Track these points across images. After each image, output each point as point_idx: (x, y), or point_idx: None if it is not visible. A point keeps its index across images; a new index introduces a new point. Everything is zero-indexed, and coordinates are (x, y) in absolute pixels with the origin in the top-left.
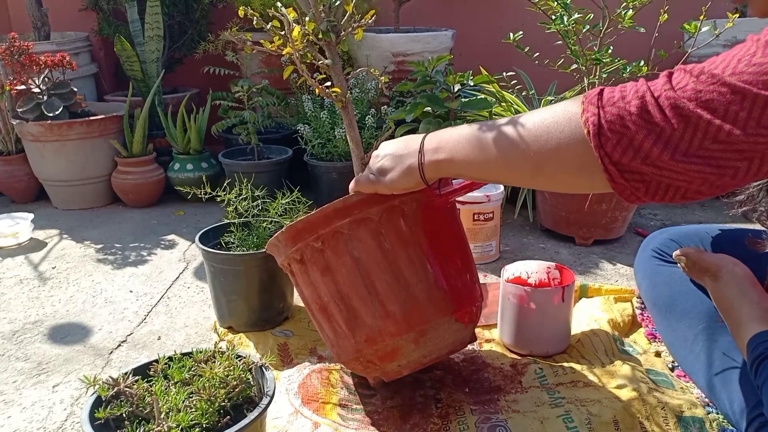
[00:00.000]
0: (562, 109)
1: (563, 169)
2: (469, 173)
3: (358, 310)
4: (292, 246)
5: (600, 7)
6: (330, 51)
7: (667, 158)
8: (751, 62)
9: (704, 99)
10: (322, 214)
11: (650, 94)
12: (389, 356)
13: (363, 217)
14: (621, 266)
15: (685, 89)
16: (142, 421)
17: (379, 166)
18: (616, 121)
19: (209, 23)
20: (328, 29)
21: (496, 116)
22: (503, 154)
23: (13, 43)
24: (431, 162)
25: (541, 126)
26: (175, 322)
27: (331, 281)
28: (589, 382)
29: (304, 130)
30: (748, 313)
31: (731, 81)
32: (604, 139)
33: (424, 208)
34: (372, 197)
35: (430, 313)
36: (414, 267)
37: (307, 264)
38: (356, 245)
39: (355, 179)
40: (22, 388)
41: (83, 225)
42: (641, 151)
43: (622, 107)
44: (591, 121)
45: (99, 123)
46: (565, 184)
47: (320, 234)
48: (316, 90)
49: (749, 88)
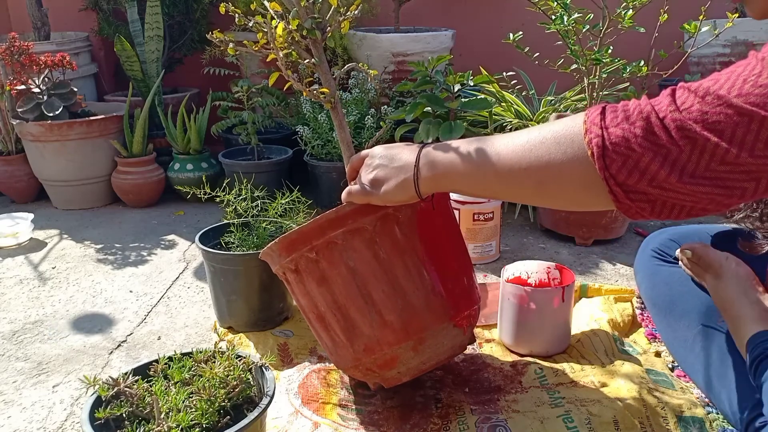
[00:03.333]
0: (563, 128)
1: (566, 188)
2: (467, 190)
3: (355, 320)
4: (287, 256)
5: (600, 7)
6: (316, 49)
7: (674, 180)
8: (757, 83)
9: (711, 121)
10: (315, 225)
11: (655, 115)
12: (388, 364)
13: (357, 227)
14: (621, 266)
15: (691, 110)
16: (142, 421)
17: (372, 177)
18: (621, 143)
19: (209, 23)
20: (313, 27)
21: (496, 116)
22: (503, 172)
23: (13, 43)
24: (427, 177)
25: (543, 146)
26: (175, 322)
27: (327, 292)
28: (589, 382)
29: (304, 131)
30: (749, 313)
31: (738, 103)
32: (609, 161)
33: (419, 214)
34: (365, 207)
35: (428, 320)
36: (410, 275)
37: (302, 274)
38: (351, 255)
39: (347, 190)
40: (22, 388)
41: (83, 225)
42: (647, 173)
43: (627, 129)
44: (595, 142)
45: (99, 123)
46: (567, 203)
47: (314, 245)
48: (304, 93)
49: (756, 111)
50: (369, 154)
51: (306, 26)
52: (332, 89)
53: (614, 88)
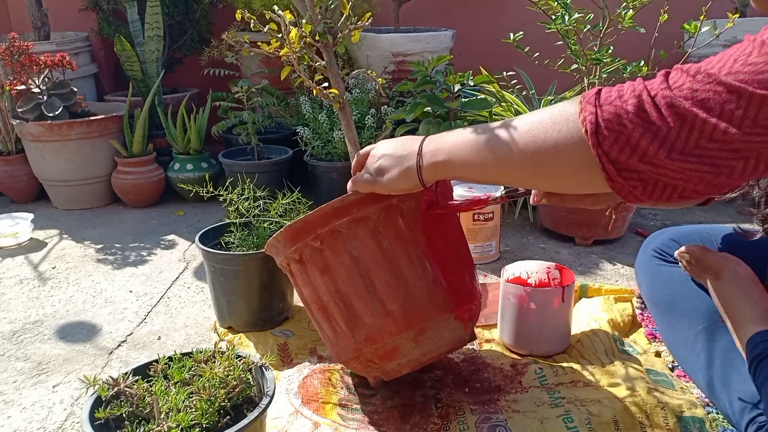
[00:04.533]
0: (560, 110)
1: (562, 168)
2: (468, 175)
3: (357, 309)
4: (291, 246)
5: (600, 7)
6: (327, 52)
7: (663, 156)
8: (747, 62)
9: (700, 98)
10: (320, 213)
11: (647, 92)
12: (389, 355)
13: (361, 217)
14: (621, 266)
15: (681, 88)
16: (142, 421)
17: (377, 166)
18: (613, 119)
19: (209, 23)
20: (325, 31)
21: (496, 116)
22: (502, 155)
23: (13, 43)
24: (429, 164)
25: (539, 126)
26: (175, 322)
27: (330, 281)
28: (589, 382)
29: (304, 132)
30: (749, 313)
31: (727, 80)
32: (602, 138)
33: (422, 207)
34: (370, 196)
35: (430, 311)
36: (413, 265)
37: (306, 264)
38: (355, 244)
39: (352, 179)
40: (22, 388)
41: (83, 225)
42: (638, 149)
43: (619, 106)
44: (588, 119)
45: (99, 123)
46: (565, 184)
47: (319, 234)
48: (314, 91)
49: (745, 87)
50: (375, 147)
51: (318, 30)
52: (341, 90)
53: None
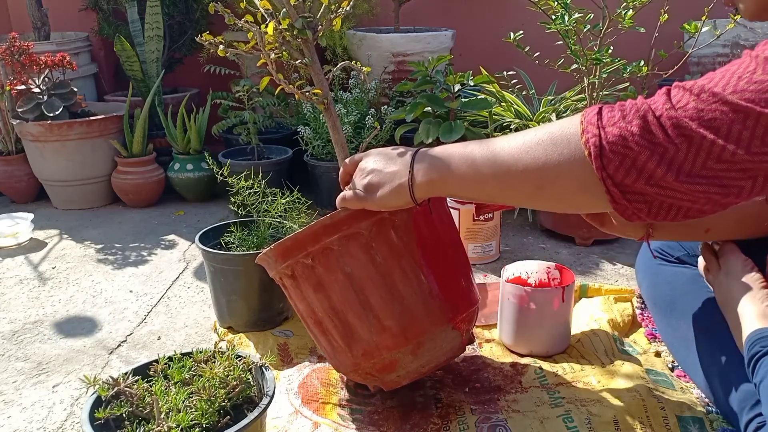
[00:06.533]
0: (560, 129)
1: (563, 189)
2: (464, 194)
3: (353, 326)
4: (283, 262)
5: (600, 7)
6: (307, 49)
7: (671, 179)
8: (752, 80)
9: (706, 118)
10: (310, 231)
11: (652, 113)
12: (387, 368)
13: (353, 233)
14: (621, 266)
15: (686, 108)
16: (142, 421)
17: (366, 182)
18: (617, 141)
19: (209, 23)
20: (304, 26)
21: (496, 116)
22: (500, 175)
23: (13, 43)
24: (422, 182)
25: (539, 146)
26: (175, 322)
27: (325, 297)
28: (589, 382)
29: (305, 132)
30: (750, 310)
31: (733, 100)
32: (606, 161)
33: (415, 217)
34: (360, 212)
35: (427, 324)
36: (408, 279)
37: (299, 280)
38: (348, 261)
39: (341, 196)
40: (22, 388)
41: (83, 225)
42: (645, 171)
43: (624, 127)
44: (592, 142)
45: (99, 123)
46: (565, 205)
47: (310, 251)
48: (296, 95)
49: (751, 107)
50: (363, 158)
51: (297, 26)
52: (325, 90)
53: (614, 88)
